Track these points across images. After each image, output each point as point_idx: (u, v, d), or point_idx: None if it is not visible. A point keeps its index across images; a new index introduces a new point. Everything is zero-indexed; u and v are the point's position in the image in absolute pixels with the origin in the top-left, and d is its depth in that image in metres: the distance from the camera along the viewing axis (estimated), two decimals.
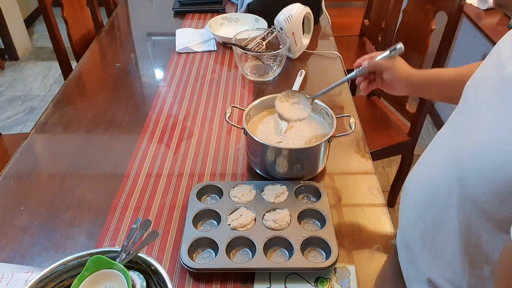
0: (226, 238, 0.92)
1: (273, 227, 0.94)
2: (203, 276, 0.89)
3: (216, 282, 0.89)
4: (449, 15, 1.54)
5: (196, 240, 0.92)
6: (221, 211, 0.98)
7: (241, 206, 0.99)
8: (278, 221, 0.95)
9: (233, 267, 0.88)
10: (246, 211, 0.98)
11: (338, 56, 1.70)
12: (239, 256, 0.92)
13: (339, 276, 0.89)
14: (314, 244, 0.92)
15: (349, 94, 1.49)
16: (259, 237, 0.92)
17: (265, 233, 0.93)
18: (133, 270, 0.81)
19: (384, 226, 1.00)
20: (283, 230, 0.94)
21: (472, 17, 2.05)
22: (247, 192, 1.03)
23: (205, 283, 0.89)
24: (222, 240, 0.92)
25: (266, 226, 0.95)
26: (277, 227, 0.94)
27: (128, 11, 2.17)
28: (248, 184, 1.06)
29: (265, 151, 1.06)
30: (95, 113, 1.39)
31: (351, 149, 1.23)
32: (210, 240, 0.92)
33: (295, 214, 0.98)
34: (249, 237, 0.92)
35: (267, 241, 0.91)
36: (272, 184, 1.05)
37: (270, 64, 1.53)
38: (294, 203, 1.01)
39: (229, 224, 0.95)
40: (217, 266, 0.88)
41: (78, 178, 1.14)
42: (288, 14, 1.55)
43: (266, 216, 0.97)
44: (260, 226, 0.95)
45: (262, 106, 1.20)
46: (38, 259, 0.93)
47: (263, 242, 0.91)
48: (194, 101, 1.45)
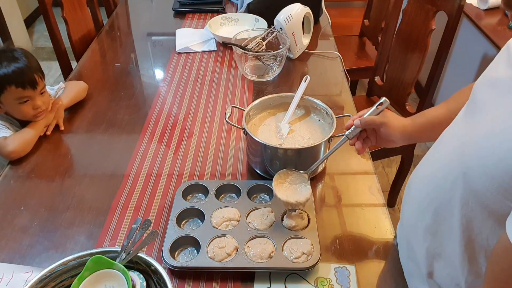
0: (209, 236, 0.93)
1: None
2: (203, 277, 0.89)
3: (216, 281, 0.89)
4: (449, 15, 1.54)
5: (180, 238, 0.93)
6: (205, 211, 0.99)
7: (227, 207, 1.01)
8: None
9: (210, 266, 0.88)
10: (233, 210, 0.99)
11: (338, 56, 1.70)
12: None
13: (339, 276, 0.88)
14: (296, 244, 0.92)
15: (349, 94, 1.49)
16: (242, 237, 0.93)
17: (248, 234, 0.94)
18: (133, 270, 0.81)
19: (384, 226, 1.00)
20: (267, 230, 0.95)
21: (472, 17, 2.05)
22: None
23: (205, 282, 0.89)
24: (204, 238, 0.93)
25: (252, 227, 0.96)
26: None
27: (128, 11, 2.17)
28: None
29: (265, 151, 1.06)
30: (95, 113, 1.39)
31: (351, 149, 1.19)
32: (193, 239, 0.93)
33: (279, 214, 0.98)
34: (233, 237, 0.93)
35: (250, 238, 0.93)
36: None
37: (270, 64, 1.53)
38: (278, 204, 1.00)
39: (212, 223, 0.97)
40: (198, 264, 0.88)
41: (78, 178, 1.14)
42: (288, 14, 1.55)
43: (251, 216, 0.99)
44: (244, 227, 0.96)
45: (262, 107, 1.20)
46: (38, 259, 0.93)
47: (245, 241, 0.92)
48: (194, 101, 1.45)
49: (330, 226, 1.00)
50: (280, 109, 1.21)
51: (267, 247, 0.90)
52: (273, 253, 0.90)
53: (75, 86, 1.43)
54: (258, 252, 0.89)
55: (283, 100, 1.21)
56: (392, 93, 1.85)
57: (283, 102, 1.21)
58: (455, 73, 2.48)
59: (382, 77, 1.97)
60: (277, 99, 1.21)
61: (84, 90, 1.44)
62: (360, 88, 2.79)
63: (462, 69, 2.40)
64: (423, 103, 1.71)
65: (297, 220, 0.96)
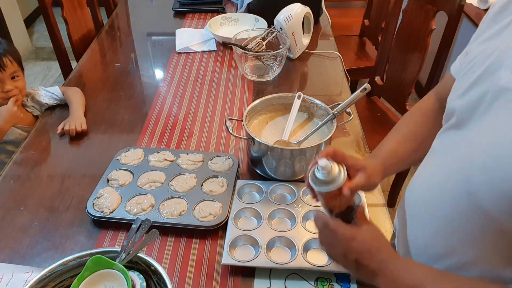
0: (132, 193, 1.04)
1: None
2: (202, 276, 0.89)
3: (216, 279, 0.89)
4: (449, 15, 1.53)
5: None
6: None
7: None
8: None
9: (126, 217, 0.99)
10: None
11: (338, 56, 1.70)
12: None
13: (339, 276, 0.88)
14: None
15: (349, 94, 1.48)
16: (161, 197, 1.04)
17: (166, 195, 1.04)
18: (133, 270, 0.81)
19: (384, 226, 1.00)
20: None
21: (472, 17, 2.05)
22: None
23: (205, 281, 0.89)
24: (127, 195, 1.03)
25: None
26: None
27: (128, 11, 2.17)
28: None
29: (265, 151, 1.05)
30: (95, 113, 1.39)
31: (351, 150, 1.23)
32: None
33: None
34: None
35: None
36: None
37: (270, 64, 1.53)
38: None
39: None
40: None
41: (78, 178, 1.14)
42: (288, 14, 1.55)
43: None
44: (165, 188, 1.06)
45: (262, 108, 1.19)
46: (38, 259, 0.93)
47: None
48: (194, 101, 1.44)
49: None
50: (279, 112, 1.21)
51: (180, 206, 1.00)
52: (184, 212, 0.99)
53: (78, 96, 1.39)
54: (171, 210, 0.99)
55: (282, 101, 1.20)
56: (392, 93, 1.85)
57: (283, 103, 1.20)
58: None
59: (382, 77, 1.97)
60: (275, 99, 1.20)
61: (82, 95, 1.42)
62: (360, 88, 2.76)
63: None
64: None
65: (215, 186, 1.06)
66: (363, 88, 1.03)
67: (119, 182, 1.08)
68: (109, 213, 0.99)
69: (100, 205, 1.01)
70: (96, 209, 1.00)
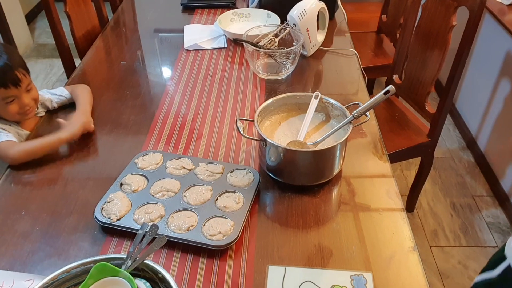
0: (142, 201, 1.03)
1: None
2: (212, 284, 0.88)
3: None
4: (470, 11, 1.52)
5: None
6: (150, 178, 1.09)
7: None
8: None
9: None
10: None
11: (354, 54, 1.68)
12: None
13: (355, 284, 0.87)
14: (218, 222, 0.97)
15: (365, 93, 1.47)
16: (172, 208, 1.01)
17: (178, 206, 1.02)
18: (139, 278, 0.81)
19: (402, 232, 0.98)
20: (198, 205, 1.01)
21: (495, 13, 2.03)
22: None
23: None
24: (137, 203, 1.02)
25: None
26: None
27: (134, 6, 2.16)
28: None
29: (278, 153, 1.04)
30: (100, 113, 1.37)
31: (368, 151, 1.22)
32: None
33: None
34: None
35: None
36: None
37: (283, 61, 1.51)
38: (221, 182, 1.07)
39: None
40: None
41: (81, 181, 1.13)
42: (302, 9, 1.53)
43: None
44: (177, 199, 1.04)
45: (275, 108, 1.18)
46: (39, 266, 0.92)
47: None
48: (203, 100, 1.43)
49: (346, 231, 0.99)
50: (293, 112, 1.20)
51: (189, 221, 0.97)
52: (193, 227, 0.96)
53: (86, 95, 1.36)
54: (179, 224, 0.96)
55: (296, 100, 1.19)
56: (411, 93, 1.83)
57: (297, 103, 1.19)
58: (477, 71, 2.45)
59: (400, 75, 1.95)
60: (289, 99, 1.19)
61: (91, 92, 1.39)
62: (377, 87, 2.77)
63: (484, 67, 2.38)
64: (443, 103, 1.69)
65: (230, 202, 1.01)
66: (387, 90, 1.00)
67: (132, 187, 1.05)
68: (116, 220, 0.97)
69: (109, 210, 0.99)
70: (104, 214, 0.99)
